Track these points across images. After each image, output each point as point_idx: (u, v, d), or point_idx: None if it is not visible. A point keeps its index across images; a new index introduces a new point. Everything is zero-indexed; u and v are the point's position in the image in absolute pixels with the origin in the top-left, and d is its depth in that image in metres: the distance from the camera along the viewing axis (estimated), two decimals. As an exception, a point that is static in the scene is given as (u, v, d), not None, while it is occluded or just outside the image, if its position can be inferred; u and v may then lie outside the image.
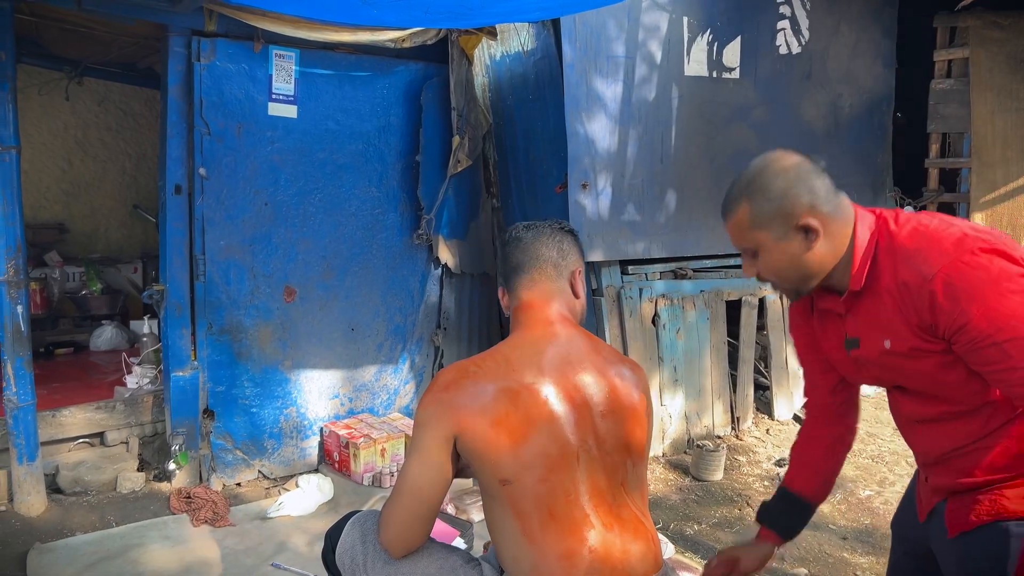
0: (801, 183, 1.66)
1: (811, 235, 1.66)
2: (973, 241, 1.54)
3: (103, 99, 6.41)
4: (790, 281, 1.75)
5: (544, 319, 1.87)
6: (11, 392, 3.49)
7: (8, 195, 3.40)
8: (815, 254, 1.68)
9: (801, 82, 5.14)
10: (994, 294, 1.50)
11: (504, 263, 1.95)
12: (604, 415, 1.79)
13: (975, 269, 1.52)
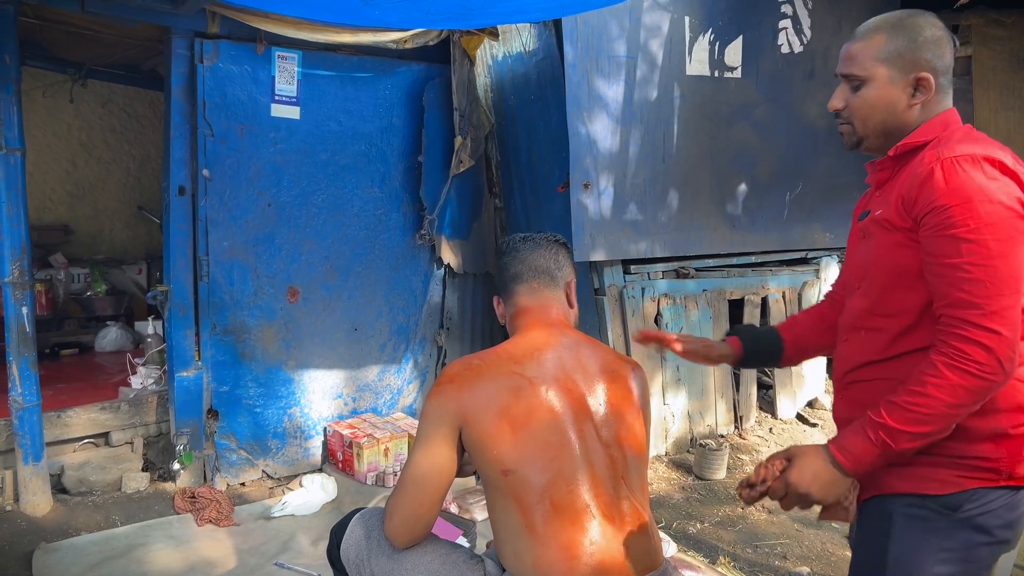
0: (944, 45, 1.65)
1: (919, 92, 1.65)
2: (1001, 155, 1.53)
3: (107, 101, 6.43)
4: (870, 127, 1.71)
5: (544, 322, 1.97)
6: (16, 393, 3.51)
7: (13, 197, 3.41)
8: (910, 111, 1.67)
9: (803, 81, 5.14)
10: (984, 199, 1.49)
11: (502, 273, 2.06)
12: (603, 410, 1.85)
13: (985, 174, 1.51)
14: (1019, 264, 1.49)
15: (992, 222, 1.48)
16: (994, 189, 1.49)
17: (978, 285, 1.48)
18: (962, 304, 1.49)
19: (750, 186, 4.92)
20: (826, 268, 5.34)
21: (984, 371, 1.47)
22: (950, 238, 1.50)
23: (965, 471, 1.58)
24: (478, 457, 1.78)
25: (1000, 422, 1.56)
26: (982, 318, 1.47)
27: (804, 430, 4.97)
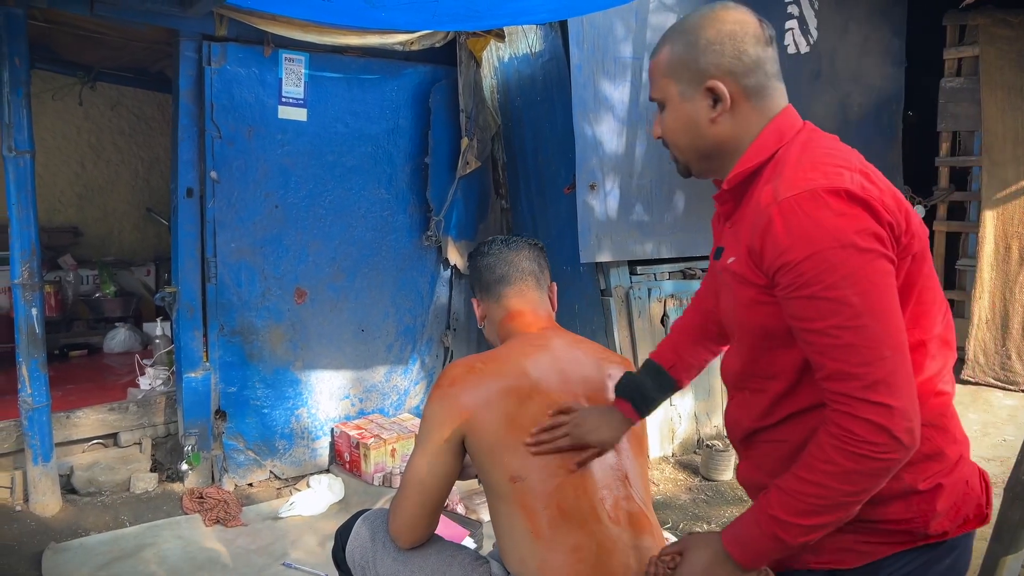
0: (732, 42, 1.39)
1: (717, 103, 1.41)
2: (847, 181, 1.26)
3: (116, 103, 6.47)
4: (681, 150, 1.49)
5: (538, 324, 1.97)
6: (26, 393, 3.53)
7: (23, 199, 3.44)
8: (715, 128, 1.42)
9: (810, 82, 5.13)
10: (834, 245, 1.23)
11: (485, 273, 2.02)
12: None
13: (832, 211, 1.24)
14: (892, 315, 1.25)
15: (849, 272, 1.23)
16: (843, 229, 1.23)
17: (851, 351, 1.23)
18: (839, 376, 1.24)
19: (757, 187, 4.91)
20: (833, 269, 5.32)
21: (879, 451, 1.22)
22: (807, 299, 1.25)
23: (879, 536, 1.37)
24: (484, 464, 1.76)
25: (905, 479, 1.33)
26: (865, 391, 1.22)
27: (811, 431, 4.95)
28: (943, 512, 1.35)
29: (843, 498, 1.27)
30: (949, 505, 1.35)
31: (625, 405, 1.82)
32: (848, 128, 5.38)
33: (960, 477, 1.37)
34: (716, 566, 1.39)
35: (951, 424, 1.38)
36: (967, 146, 5.82)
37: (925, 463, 1.34)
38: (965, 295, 5.84)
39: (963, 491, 1.37)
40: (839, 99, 5.30)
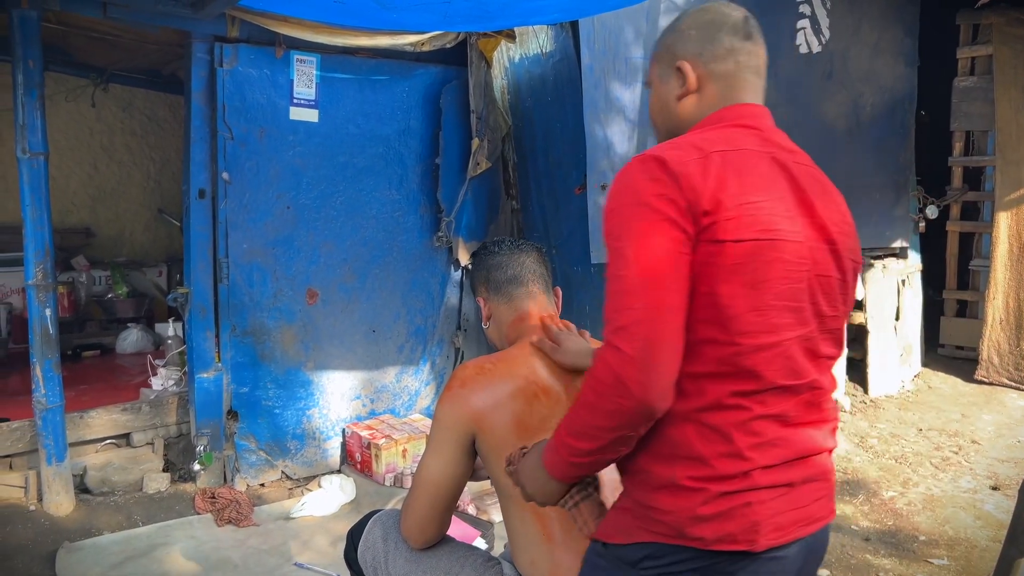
0: (707, 29, 1.48)
1: (684, 83, 1.49)
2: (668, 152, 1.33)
3: (128, 105, 6.50)
4: (657, 129, 1.59)
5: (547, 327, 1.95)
6: (40, 394, 3.55)
7: (36, 200, 3.46)
8: (680, 106, 1.50)
9: (822, 81, 5.11)
10: (633, 201, 1.32)
11: (495, 272, 2.00)
12: None
13: (646, 174, 1.32)
14: (658, 275, 1.27)
15: (633, 227, 1.29)
16: (645, 191, 1.30)
17: (613, 298, 1.30)
18: (604, 319, 1.32)
19: (768, 187, 4.89)
20: (845, 269, 5.30)
21: (609, 392, 1.28)
22: (608, 246, 1.35)
23: (646, 522, 1.37)
24: (492, 465, 1.76)
25: (675, 471, 1.34)
26: (611, 335, 1.29)
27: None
28: (705, 518, 1.32)
29: (592, 430, 1.34)
30: (713, 514, 1.32)
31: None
32: (860, 128, 5.36)
33: (738, 495, 1.33)
34: (537, 469, 1.51)
35: (741, 440, 1.33)
36: (980, 146, 5.79)
37: (694, 463, 1.34)
38: (979, 295, 5.81)
39: (737, 509, 1.33)
40: (851, 99, 5.27)
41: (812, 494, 1.41)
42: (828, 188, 1.48)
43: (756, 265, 1.31)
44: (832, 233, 1.42)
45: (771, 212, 1.33)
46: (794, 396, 1.37)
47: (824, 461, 1.45)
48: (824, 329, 1.42)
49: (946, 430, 4.95)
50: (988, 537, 3.61)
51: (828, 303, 1.41)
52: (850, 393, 5.43)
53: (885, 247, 5.69)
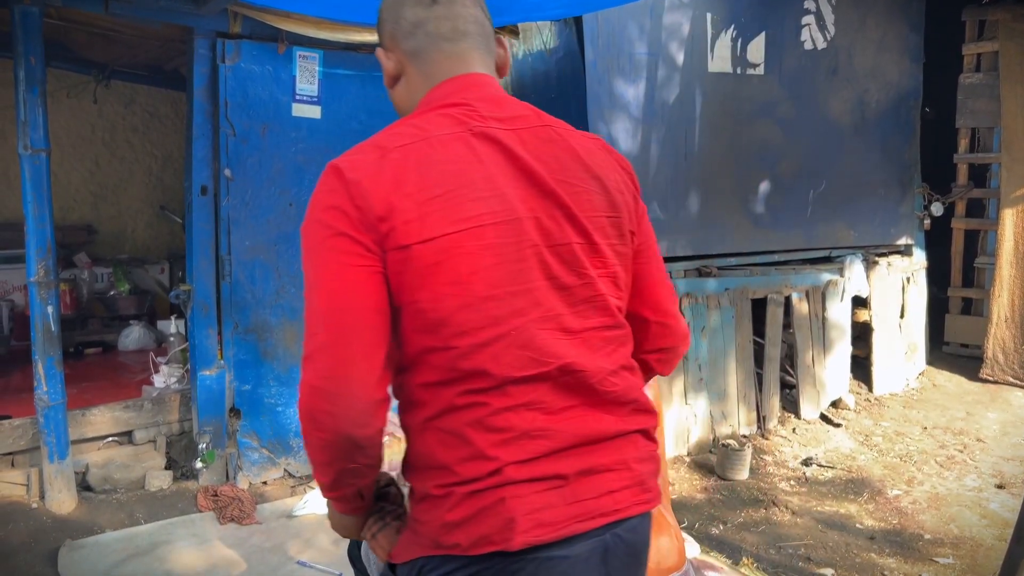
0: (392, 8, 1.38)
1: (384, 71, 1.43)
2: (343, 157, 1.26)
3: (130, 101, 6.49)
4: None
5: None
6: (42, 391, 3.54)
7: (38, 197, 3.44)
8: (396, 96, 1.44)
9: (827, 77, 5.09)
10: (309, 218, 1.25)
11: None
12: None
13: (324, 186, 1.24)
14: (339, 295, 1.19)
15: (311, 246, 1.22)
16: (317, 204, 1.23)
17: (305, 323, 1.22)
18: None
19: (773, 184, 4.88)
20: (850, 266, 5.28)
21: (304, 426, 1.22)
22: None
23: (413, 535, 1.31)
24: None
25: (426, 482, 1.28)
26: (303, 362, 1.21)
27: (828, 430, 4.92)
28: (455, 523, 1.24)
29: (315, 465, 1.28)
30: (463, 518, 1.24)
31: None
32: (866, 125, 5.34)
33: (488, 493, 1.24)
34: (328, 506, 1.45)
35: (481, 439, 1.24)
36: (986, 143, 5.77)
37: (435, 472, 1.27)
38: (984, 293, 5.79)
39: (489, 509, 1.23)
40: (856, 95, 5.25)
41: (600, 485, 1.29)
42: (566, 145, 1.32)
43: (455, 260, 1.20)
44: (562, 196, 1.27)
45: (465, 200, 1.21)
46: (545, 383, 1.25)
47: (624, 447, 1.32)
48: (574, 301, 1.29)
49: (951, 428, 4.94)
50: (994, 536, 3.60)
51: (571, 273, 1.28)
52: (854, 391, 5.42)
53: (890, 244, 5.68)
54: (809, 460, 4.46)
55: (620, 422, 1.32)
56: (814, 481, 4.23)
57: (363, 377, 1.19)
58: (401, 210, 1.19)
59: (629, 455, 1.32)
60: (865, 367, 5.55)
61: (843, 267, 5.27)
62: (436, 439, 1.26)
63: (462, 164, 1.24)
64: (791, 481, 4.23)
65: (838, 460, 4.49)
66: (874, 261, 5.50)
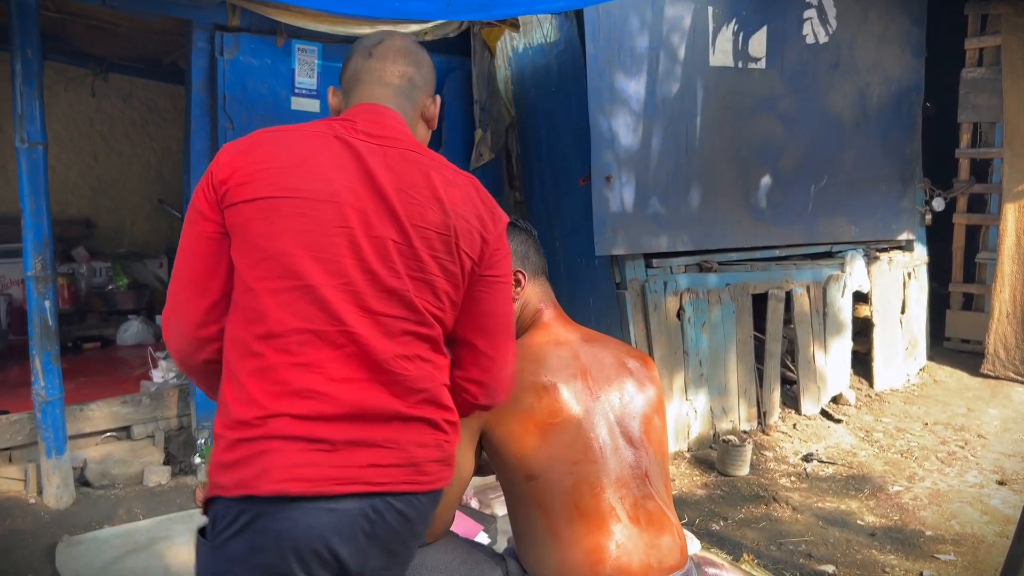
0: (348, 58, 1.74)
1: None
2: (222, 154, 1.51)
3: (128, 95, 6.46)
4: None
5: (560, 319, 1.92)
6: (39, 386, 3.52)
7: (35, 191, 3.42)
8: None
9: (828, 72, 5.06)
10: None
11: (535, 254, 1.95)
12: (624, 408, 1.81)
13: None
14: (184, 259, 1.48)
15: (185, 223, 1.51)
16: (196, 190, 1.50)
17: None
18: None
19: (774, 178, 4.85)
20: (851, 262, 5.26)
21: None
22: None
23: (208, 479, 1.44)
24: (499, 461, 1.73)
25: (216, 420, 1.42)
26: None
27: (828, 426, 4.90)
28: (225, 465, 1.36)
29: None
30: (231, 461, 1.36)
31: None
32: (867, 119, 5.31)
33: (255, 443, 1.35)
34: None
35: (254, 386, 1.37)
36: (988, 137, 5.74)
37: (220, 411, 1.42)
38: (985, 289, 5.77)
39: (252, 456, 1.35)
40: (858, 89, 5.22)
41: (367, 457, 1.39)
42: (423, 170, 1.52)
43: (271, 217, 1.40)
44: (393, 201, 1.45)
45: (294, 176, 1.42)
46: (330, 346, 1.39)
47: (402, 429, 1.43)
48: (379, 288, 1.43)
49: (952, 424, 4.92)
50: (995, 532, 3.59)
51: (382, 263, 1.43)
52: (855, 387, 5.40)
53: (891, 239, 5.65)
54: (810, 456, 4.45)
55: (403, 405, 1.44)
56: (815, 477, 4.22)
57: (187, 319, 1.47)
58: (239, 174, 1.42)
59: (406, 438, 1.44)
60: (866, 363, 5.53)
61: (844, 262, 5.25)
62: (228, 381, 1.42)
63: (308, 152, 1.46)
64: (792, 477, 4.22)
65: (839, 456, 4.48)
66: (875, 256, 5.48)
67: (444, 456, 1.51)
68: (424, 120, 1.73)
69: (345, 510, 1.37)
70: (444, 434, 1.50)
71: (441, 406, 1.50)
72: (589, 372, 1.81)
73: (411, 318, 1.46)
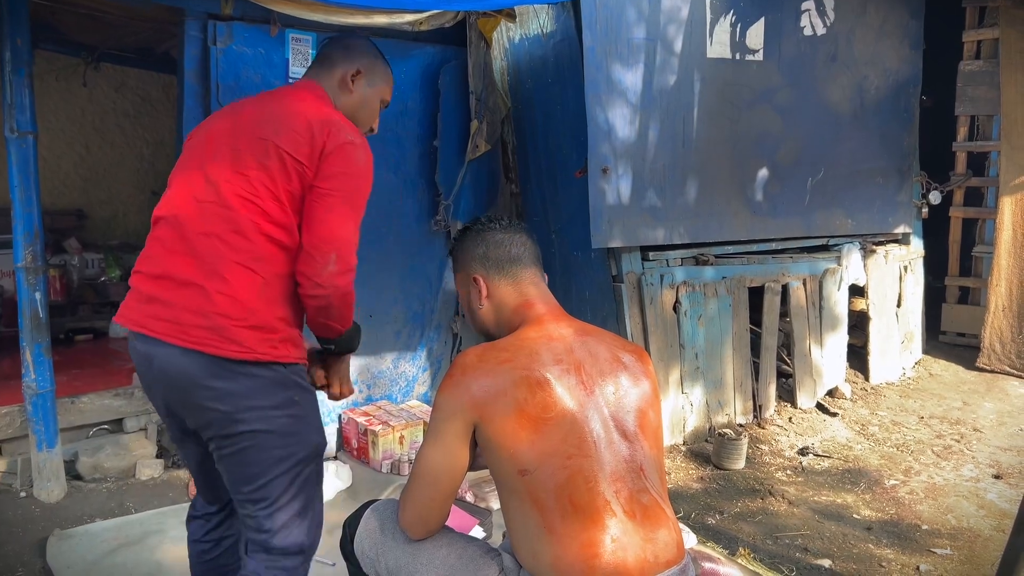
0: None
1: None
2: None
3: (120, 85, 6.40)
4: None
5: (554, 313, 1.90)
6: (30, 379, 3.49)
7: (25, 181, 3.38)
8: None
9: (826, 64, 5.04)
10: None
11: (495, 249, 1.93)
12: (619, 402, 1.79)
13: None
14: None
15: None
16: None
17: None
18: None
19: (771, 171, 4.83)
20: (848, 255, 5.25)
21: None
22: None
23: None
24: (492, 456, 1.71)
25: None
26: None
27: (824, 419, 4.90)
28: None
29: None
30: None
31: None
32: (864, 112, 5.29)
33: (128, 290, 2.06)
34: None
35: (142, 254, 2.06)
36: (985, 131, 5.73)
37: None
38: (981, 282, 5.77)
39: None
40: (856, 82, 5.20)
41: (154, 311, 1.93)
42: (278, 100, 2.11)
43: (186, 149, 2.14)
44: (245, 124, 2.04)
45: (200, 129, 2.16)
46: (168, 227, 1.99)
47: (187, 294, 1.91)
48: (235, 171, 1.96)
49: (947, 418, 4.92)
50: (991, 527, 3.58)
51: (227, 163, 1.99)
52: (851, 380, 5.40)
53: (888, 233, 5.64)
54: (805, 449, 4.44)
55: (198, 274, 1.91)
56: (811, 471, 4.21)
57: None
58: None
59: (186, 302, 1.90)
60: (861, 356, 5.53)
61: (840, 255, 5.24)
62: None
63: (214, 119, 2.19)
64: (787, 471, 4.21)
65: (835, 449, 4.47)
66: (871, 250, 5.47)
67: (219, 326, 1.89)
68: (340, 87, 2.24)
69: (138, 345, 1.98)
70: (230, 307, 1.90)
71: (227, 282, 1.90)
72: (583, 366, 1.78)
73: (231, 192, 1.94)
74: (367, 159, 2.05)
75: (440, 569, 1.84)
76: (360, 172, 2.01)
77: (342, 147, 1.97)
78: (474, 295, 1.95)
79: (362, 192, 2.03)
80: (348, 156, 1.98)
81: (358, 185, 2.02)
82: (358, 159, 2.01)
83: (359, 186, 2.02)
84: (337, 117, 2.05)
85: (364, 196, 2.05)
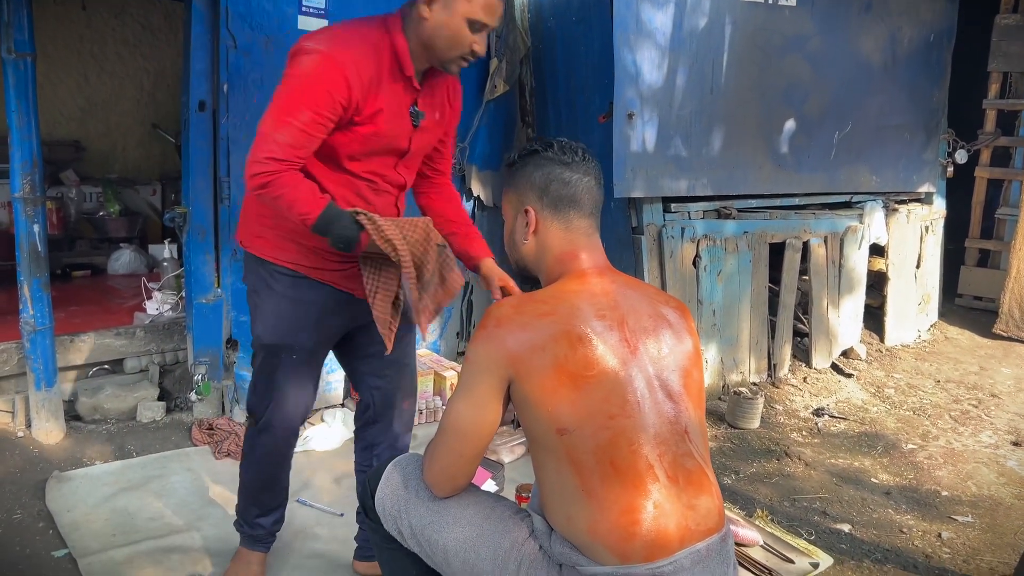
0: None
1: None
2: None
3: (120, 11, 6.14)
4: None
5: (598, 268, 1.75)
6: (28, 314, 3.35)
7: (23, 106, 3.19)
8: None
9: (860, 13, 4.82)
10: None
11: (557, 185, 1.75)
12: (664, 360, 1.68)
13: None
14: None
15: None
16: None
17: None
18: None
19: (798, 123, 4.65)
20: (870, 213, 5.10)
21: None
22: None
23: None
24: (529, 414, 1.60)
25: None
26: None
27: (839, 380, 4.80)
28: None
29: None
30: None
31: None
32: (896, 64, 5.08)
33: None
34: None
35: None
36: (1018, 88, 5.54)
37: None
38: (1003, 245, 5.64)
39: None
40: (889, 32, 4.98)
41: None
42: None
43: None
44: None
45: None
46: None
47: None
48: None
49: (964, 383, 4.84)
50: (1013, 495, 3.51)
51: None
52: (865, 341, 5.30)
53: (911, 192, 5.48)
54: (820, 410, 4.35)
55: None
56: (826, 432, 4.12)
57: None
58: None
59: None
60: (877, 317, 5.42)
61: (863, 213, 5.09)
62: None
63: None
64: (803, 432, 4.12)
65: (850, 411, 4.38)
66: (894, 208, 5.32)
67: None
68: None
69: None
70: None
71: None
72: (626, 322, 1.66)
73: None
74: (310, 63, 2.01)
75: (467, 529, 1.73)
76: (292, 73, 2.02)
77: (290, 55, 2.06)
78: (520, 225, 1.80)
79: (291, 91, 2.01)
80: (290, 61, 2.05)
81: (288, 85, 2.02)
82: (297, 62, 2.02)
83: (289, 86, 2.02)
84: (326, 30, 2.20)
85: (293, 95, 2.01)
